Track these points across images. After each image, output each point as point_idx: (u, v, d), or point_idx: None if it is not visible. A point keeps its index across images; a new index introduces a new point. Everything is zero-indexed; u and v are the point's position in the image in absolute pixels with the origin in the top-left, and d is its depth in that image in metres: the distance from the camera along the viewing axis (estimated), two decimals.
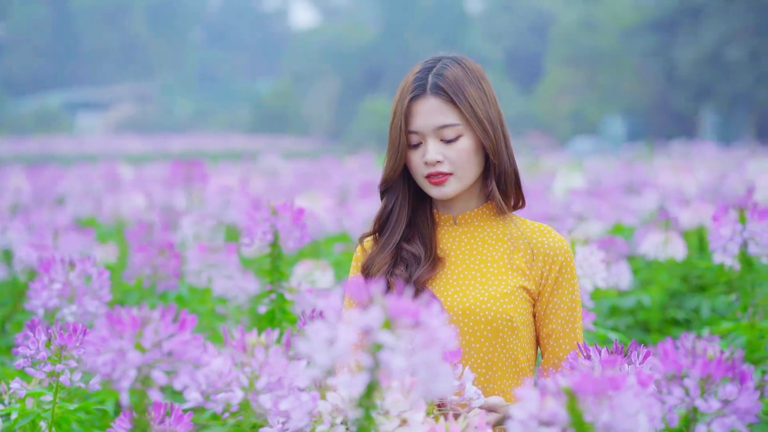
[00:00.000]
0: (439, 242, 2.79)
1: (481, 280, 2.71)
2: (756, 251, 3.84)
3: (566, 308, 2.72)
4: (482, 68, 2.79)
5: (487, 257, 2.75)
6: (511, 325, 2.66)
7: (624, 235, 7.01)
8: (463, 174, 2.70)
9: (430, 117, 2.68)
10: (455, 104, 2.67)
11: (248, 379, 2.02)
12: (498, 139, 2.71)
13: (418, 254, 2.74)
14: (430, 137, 2.69)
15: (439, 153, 2.68)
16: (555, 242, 2.74)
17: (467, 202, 2.80)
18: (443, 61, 2.74)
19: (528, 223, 2.79)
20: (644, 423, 1.77)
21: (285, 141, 43.66)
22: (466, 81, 2.69)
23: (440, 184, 2.70)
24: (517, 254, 2.73)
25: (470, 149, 2.69)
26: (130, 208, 8.36)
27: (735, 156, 18.30)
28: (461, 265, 2.75)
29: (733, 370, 1.96)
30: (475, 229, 2.79)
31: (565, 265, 2.73)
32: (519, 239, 2.75)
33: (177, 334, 1.92)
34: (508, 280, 2.70)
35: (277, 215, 3.58)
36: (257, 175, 13.52)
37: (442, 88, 2.68)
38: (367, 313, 1.70)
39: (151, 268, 4.74)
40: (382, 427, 2.02)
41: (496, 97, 2.76)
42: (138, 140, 40.99)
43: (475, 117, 2.67)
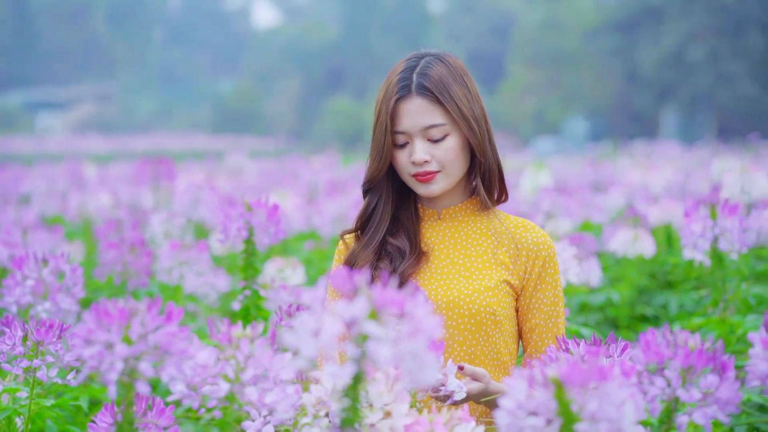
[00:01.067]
0: (423, 237, 2.81)
1: (465, 274, 2.73)
2: (726, 247, 3.88)
3: (549, 303, 2.74)
4: (464, 65, 2.79)
5: (471, 251, 2.76)
6: (494, 319, 2.68)
7: (592, 233, 7.06)
8: (450, 171, 2.71)
9: (416, 117, 2.68)
10: (441, 104, 2.67)
11: (234, 371, 2.03)
12: (483, 135, 2.72)
13: (403, 248, 2.75)
14: (417, 137, 2.69)
15: (427, 153, 2.68)
16: (538, 238, 2.76)
17: (451, 197, 2.81)
18: (426, 59, 2.74)
19: (512, 219, 2.81)
20: (630, 413, 1.79)
21: (248, 141, 43.52)
22: (450, 79, 2.70)
23: (428, 182, 2.71)
24: (501, 249, 2.75)
25: (457, 147, 2.70)
26: (96, 207, 8.32)
27: (698, 155, 18.46)
28: (445, 259, 2.76)
29: (714, 360, 1.97)
30: (459, 223, 2.80)
31: (548, 261, 2.75)
32: (503, 234, 2.77)
33: (164, 326, 1.92)
34: (492, 274, 2.72)
35: (252, 212, 3.58)
36: (223, 174, 13.48)
37: (428, 88, 2.68)
38: (353, 304, 1.71)
39: (122, 265, 4.72)
40: (366, 419, 2.03)
41: (478, 93, 2.77)
42: (99, 140, 40.73)
43: (461, 116, 2.68)
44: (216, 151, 27.13)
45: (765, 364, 2.01)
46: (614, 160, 17.74)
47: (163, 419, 2.26)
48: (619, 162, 16.50)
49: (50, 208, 9.91)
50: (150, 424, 2.25)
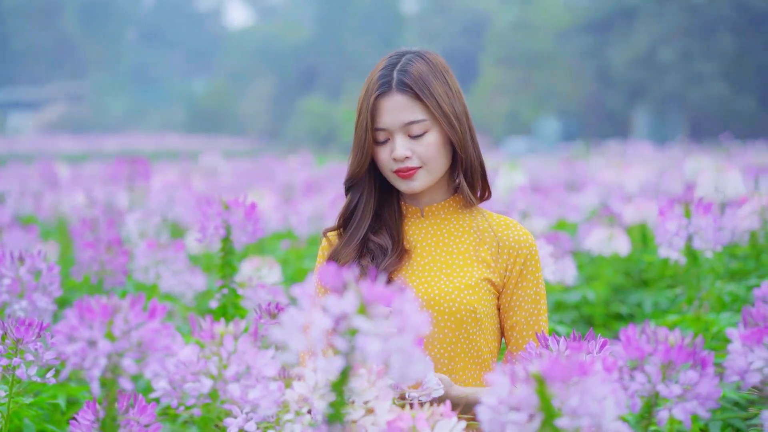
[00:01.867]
0: (406, 234, 2.82)
1: (446, 272, 2.73)
2: (701, 245, 3.91)
3: (530, 301, 2.75)
4: (445, 62, 2.81)
5: (452, 249, 2.77)
6: (474, 317, 2.69)
7: (568, 231, 7.10)
8: (432, 167, 2.73)
9: (396, 114, 2.70)
10: (421, 100, 2.69)
11: (217, 368, 2.03)
12: (464, 132, 2.73)
13: (385, 246, 2.76)
14: (398, 133, 2.70)
15: (408, 149, 2.70)
16: (520, 235, 2.77)
17: (434, 194, 2.82)
18: (407, 56, 2.75)
19: (494, 216, 2.82)
20: (611, 408, 1.80)
21: (221, 141, 43.42)
22: (431, 76, 2.71)
23: (409, 177, 2.72)
24: (483, 247, 2.76)
25: (438, 143, 2.71)
26: (70, 206, 8.29)
27: (671, 155, 18.56)
28: (427, 257, 2.77)
29: (694, 356, 1.99)
30: (441, 221, 2.81)
31: (530, 258, 2.76)
32: (485, 232, 2.78)
33: (147, 323, 1.92)
34: (473, 272, 2.73)
35: (230, 210, 3.58)
36: (198, 174, 13.46)
37: (408, 84, 2.69)
38: (343, 299, 1.72)
39: (98, 264, 4.71)
40: (349, 416, 2.04)
41: (460, 90, 2.79)
42: (72, 140, 40.51)
43: (441, 112, 2.69)
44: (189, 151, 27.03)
45: (743, 359, 2.04)
46: (587, 159, 17.82)
47: (144, 416, 2.26)
48: (592, 162, 16.57)
49: (24, 208, 9.86)
50: (132, 421, 2.25)
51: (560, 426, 1.80)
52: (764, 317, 2.04)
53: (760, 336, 2.02)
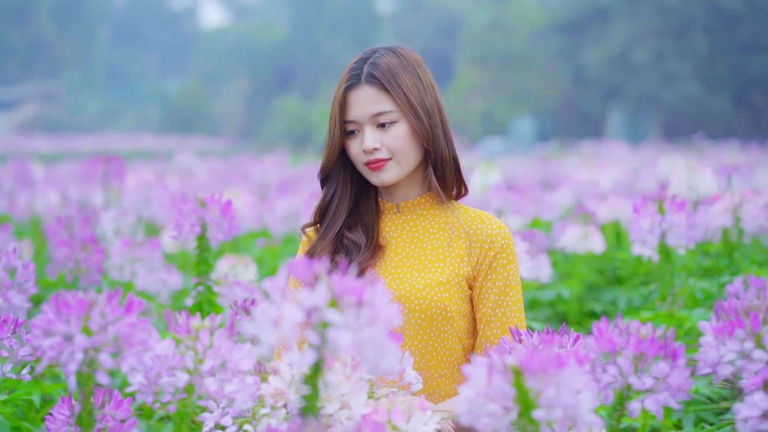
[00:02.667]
0: (382, 230, 2.83)
1: (418, 268, 2.75)
2: (674, 242, 3.95)
3: (498, 292, 2.74)
4: (420, 57, 2.83)
5: (426, 245, 2.78)
6: (446, 314, 2.70)
7: (542, 229, 7.13)
8: (401, 159, 2.74)
9: (364, 105, 2.73)
10: (388, 91, 2.71)
11: (193, 362, 2.04)
12: (434, 126, 2.75)
13: (359, 242, 2.78)
14: (367, 125, 2.73)
15: (376, 140, 2.72)
16: (493, 228, 2.78)
17: (409, 190, 2.84)
18: (379, 51, 2.79)
19: (470, 211, 2.83)
20: (587, 400, 1.82)
21: (196, 141, 43.31)
22: (400, 68, 2.74)
23: (379, 169, 2.74)
24: (457, 242, 2.77)
25: (406, 135, 2.73)
26: (44, 205, 8.26)
27: (644, 154, 18.65)
28: (401, 253, 2.79)
29: (665, 348, 2.01)
30: (417, 217, 2.83)
31: (502, 250, 2.76)
32: (460, 228, 2.79)
33: (124, 318, 1.92)
34: (445, 268, 2.74)
35: (206, 208, 3.58)
36: (173, 173, 13.43)
37: (376, 76, 2.72)
38: (314, 292, 1.73)
39: (73, 263, 4.69)
40: (324, 410, 2.05)
41: (434, 85, 2.81)
42: (46, 140, 40.31)
43: (408, 104, 2.71)
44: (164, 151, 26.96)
45: (715, 351, 2.06)
46: (561, 159, 17.89)
47: (120, 411, 2.27)
48: (567, 161, 16.64)
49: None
50: (108, 416, 2.26)
51: (536, 417, 1.81)
52: (736, 310, 2.06)
53: (731, 329, 2.04)
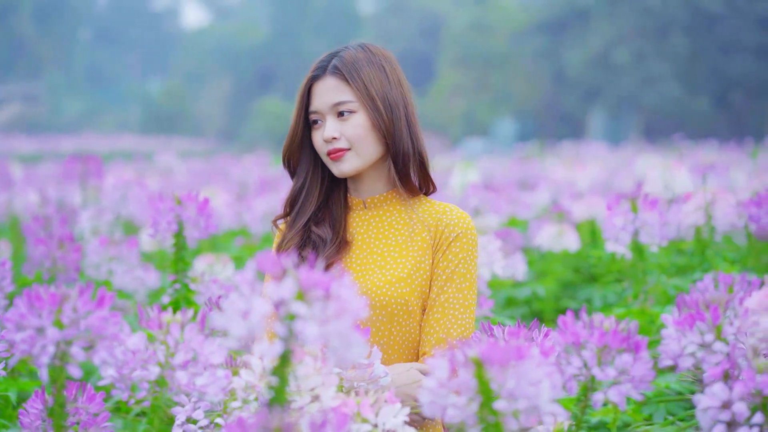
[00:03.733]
0: (350, 226, 2.87)
1: (380, 264, 2.78)
2: (646, 240, 3.99)
3: (444, 278, 2.76)
4: (393, 56, 2.87)
5: (390, 241, 2.82)
6: (407, 308, 2.73)
7: (519, 228, 7.17)
8: (360, 150, 2.78)
9: (325, 96, 2.79)
10: (349, 82, 2.76)
11: (164, 356, 2.06)
12: (396, 120, 2.78)
13: (325, 236, 2.81)
14: (329, 115, 2.79)
15: (336, 130, 2.77)
16: (453, 218, 2.80)
17: (374, 185, 2.87)
18: (349, 46, 2.85)
19: (435, 205, 2.86)
20: (547, 390, 1.86)
21: (177, 141, 43.22)
22: (364, 62, 2.79)
23: (338, 159, 2.79)
24: (420, 235, 2.79)
25: (365, 126, 2.77)
26: (23, 205, 8.27)
27: (623, 154, 18.73)
28: (366, 249, 2.82)
29: (628, 340, 2.06)
30: (383, 212, 2.86)
31: (457, 239, 2.77)
32: (424, 222, 2.81)
33: (95, 311, 1.95)
34: (406, 262, 2.76)
35: (182, 205, 3.60)
36: (153, 173, 13.43)
37: (338, 67, 2.78)
38: (281, 285, 1.76)
39: (50, 261, 4.70)
40: (295, 403, 2.08)
41: (403, 82, 2.84)
42: (27, 140, 40.16)
43: (367, 95, 2.76)
44: (145, 151, 26.92)
45: (677, 343, 2.10)
46: (541, 159, 17.95)
47: (93, 405, 2.29)
48: (547, 161, 16.70)
49: None
50: (81, 410, 2.28)
51: (498, 408, 1.85)
52: (697, 303, 2.11)
53: (692, 321, 2.09)
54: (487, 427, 1.88)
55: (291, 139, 2.86)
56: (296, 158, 2.89)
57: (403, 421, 2.09)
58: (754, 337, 2.02)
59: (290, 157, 2.89)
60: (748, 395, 1.91)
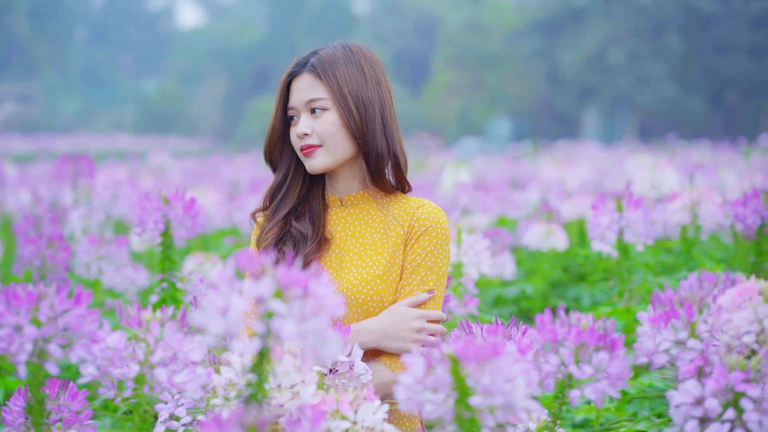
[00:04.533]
0: (328, 223, 2.88)
1: (356, 263, 2.80)
2: (631, 239, 4.01)
3: (410, 270, 2.77)
4: (378, 59, 2.88)
5: (365, 239, 2.83)
6: (382, 306, 2.75)
7: (508, 228, 7.19)
8: (330, 147, 2.79)
9: (301, 92, 2.81)
10: (323, 80, 2.78)
11: (144, 353, 2.08)
12: (369, 120, 2.79)
13: (305, 233, 2.83)
14: (303, 112, 2.81)
15: (308, 126, 2.79)
16: (425, 212, 2.81)
17: (350, 183, 2.89)
18: (332, 45, 2.86)
19: (410, 200, 2.87)
20: (521, 387, 1.88)
21: (172, 141, 43.21)
22: (342, 60, 2.81)
23: (309, 155, 2.81)
24: (395, 231, 2.81)
25: (337, 123, 2.78)
26: (15, 204, 8.27)
27: (616, 154, 18.75)
28: (343, 247, 2.84)
29: (605, 338, 2.07)
30: (360, 210, 2.88)
31: (427, 232, 2.79)
32: (398, 218, 2.83)
33: (73, 309, 1.97)
34: (381, 260, 2.78)
35: (169, 205, 3.61)
36: (146, 172, 13.43)
37: (315, 65, 2.80)
38: (259, 283, 1.78)
39: (40, 260, 4.71)
40: (275, 400, 2.10)
41: (382, 83, 2.85)
42: (21, 140, 40.11)
43: (340, 93, 2.77)
44: (140, 151, 26.91)
45: (651, 341, 2.12)
46: (535, 159, 17.97)
47: (75, 403, 2.31)
48: (540, 161, 16.71)
49: None
50: (64, 408, 2.30)
51: (473, 404, 1.87)
52: (671, 301, 2.12)
53: (667, 319, 2.11)
54: (462, 423, 1.90)
55: (270, 135, 2.89)
56: (277, 153, 2.91)
57: (382, 418, 2.10)
58: (727, 335, 2.04)
59: (271, 153, 2.92)
60: (721, 392, 1.93)
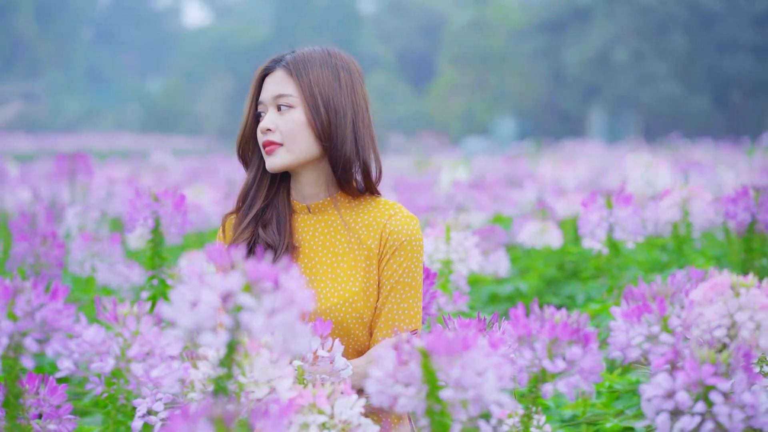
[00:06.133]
0: (296, 230, 2.84)
1: (332, 278, 2.76)
2: (621, 236, 4.03)
3: (388, 288, 2.75)
4: (357, 67, 2.85)
5: (337, 249, 2.79)
6: (362, 322, 2.74)
7: (504, 225, 7.20)
8: (292, 146, 2.76)
9: (270, 87, 2.80)
10: (293, 77, 2.77)
11: (120, 348, 2.10)
12: (338, 125, 2.75)
13: (273, 242, 2.79)
14: (270, 107, 2.79)
15: (272, 122, 2.77)
16: (398, 225, 2.77)
17: (316, 190, 2.84)
18: (311, 46, 2.85)
19: (381, 205, 2.83)
20: (492, 380, 1.89)
21: (176, 140, 43.21)
22: (318, 63, 2.79)
23: (270, 153, 2.78)
24: (366, 243, 2.78)
25: (300, 122, 2.75)
26: (14, 202, 8.30)
27: (617, 153, 18.75)
28: (314, 258, 2.80)
29: (578, 333, 2.08)
30: (329, 217, 2.83)
31: (401, 247, 2.76)
32: (370, 226, 2.79)
33: (49, 303, 1.98)
34: (357, 275, 2.75)
35: (159, 202, 3.62)
36: (147, 171, 13.45)
37: (288, 62, 2.79)
38: (228, 277, 1.79)
39: (33, 257, 4.73)
40: (253, 394, 2.11)
41: (357, 90, 2.81)
42: (25, 139, 40.15)
43: (310, 93, 2.75)
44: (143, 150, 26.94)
45: (624, 335, 2.13)
46: (537, 158, 17.98)
47: (55, 398, 2.32)
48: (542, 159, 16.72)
49: None
50: (43, 402, 2.31)
51: (445, 398, 1.88)
52: (644, 295, 2.14)
53: (639, 313, 2.12)
54: (434, 417, 1.91)
55: (243, 130, 2.87)
56: (249, 150, 2.89)
57: (359, 412, 2.12)
58: (699, 329, 2.05)
59: (243, 149, 2.90)
60: (692, 385, 1.94)
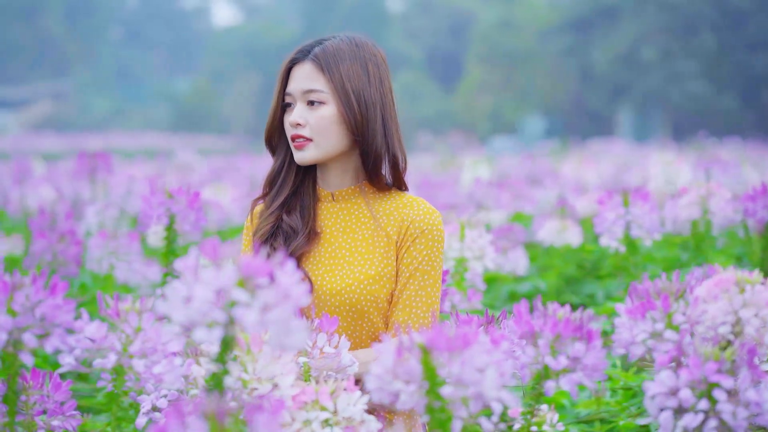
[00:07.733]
0: (319, 217, 2.86)
1: (349, 260, 2.78)
2: (638, 234, 4.00)
3: (407, 275, 2.76)
4: (383, 56, 2.85)
5: (358, 236, 2.81)
6: (377, 306, 2.74)
7: (524, 224, 7.16)
8: (322, 141, 2.77)
9: (300, 81, 2.79)
10: (324, 72, 2.75)
11: (122, 344, 2.09)
12: (370, 119, 2.76)
13: (295, 226, 2.81)
14: (299, 100, 2.79)
15: (302, 117, 2.77)
16: (420, 213, 2.80)
17: (341, 178, 2.86)
18: (338, 36, 2.83)
19: (404, 198, 2.85)
20: (492, 377, 1.87)
21: (204, 139, 43.35)
22: (347, 55, 2.77)
23: (300, 148, 2.79)
24: (386, 230, 2.79)
25: (332, 118, 2.76)
26: (37, 200, 8.34)
27: (644, 152, 18.67)
28: (334, 243, 2.82)
29: (581, 329, 2.07)
30: (352, 206, 2.85)
31: (422, 235, 2.77)
32: (390, 216, 2.81)
33: (48, 299, 1.98)
34: (374, 259, 2.77)
35: (173, 199, 3.62)
36: (172, 170, 13.49)
37: (318, 55, 2.77)
38: (221, 272, 1.78)
39: (51, 254, 4.75)
40: (256, 391, 2.10)
41: (385, 82, 2.82)
42: (54, 138, 40.38)
43: (341, 88, 2.74)
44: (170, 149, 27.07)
45: (629, 332, 2.11)
46: (562, 156, 17.91)
47: (59, 394, 2.32)
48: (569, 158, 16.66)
49: None
50: (47, 398, 2.32)
51: (444, 394, 1.86)
52: (648, 292, 2.11)
53: (643, 310, 2.10)
54: (434, 414, 1.90)
55: (271, 120, 2.87)
56: (276, 138, 2.90)
57: (362, 409, 2.10)
58: (703, 325, 2.03)
59: (271, 138, 2.90)
60: (696, 382, 1.92)
